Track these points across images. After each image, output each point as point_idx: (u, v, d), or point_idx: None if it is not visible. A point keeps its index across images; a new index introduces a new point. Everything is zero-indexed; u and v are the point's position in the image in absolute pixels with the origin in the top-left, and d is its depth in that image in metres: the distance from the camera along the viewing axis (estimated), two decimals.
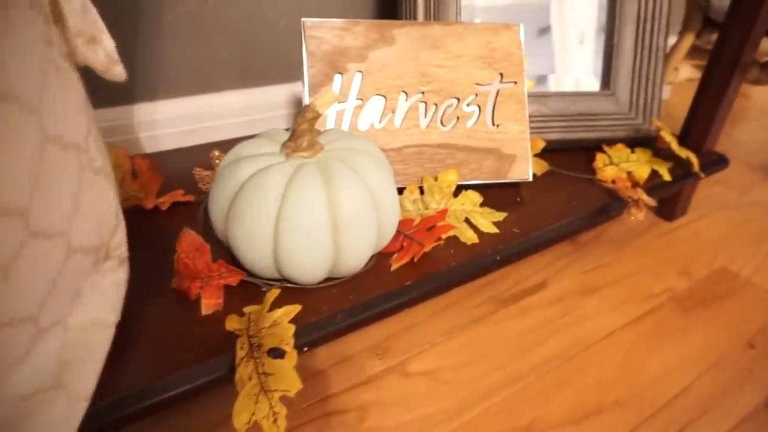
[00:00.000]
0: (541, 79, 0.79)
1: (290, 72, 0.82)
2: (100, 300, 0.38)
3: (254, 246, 0.44)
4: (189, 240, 0.46)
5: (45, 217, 0.29)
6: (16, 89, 0.24)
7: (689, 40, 0.98)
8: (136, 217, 0.56)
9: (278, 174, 0.44)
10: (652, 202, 0.66)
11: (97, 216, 0.35)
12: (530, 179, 0.66)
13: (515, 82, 0.65)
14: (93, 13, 0.31)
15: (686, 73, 1.02)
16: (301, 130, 0.46)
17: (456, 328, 0.63)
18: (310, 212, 0.42)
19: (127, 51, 0.68)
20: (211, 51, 0.74)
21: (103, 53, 0.32)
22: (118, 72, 0.34)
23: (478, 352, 0.60)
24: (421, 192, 0.61)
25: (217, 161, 0.63)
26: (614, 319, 0.66)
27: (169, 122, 0.74)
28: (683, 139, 0.81)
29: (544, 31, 0.80)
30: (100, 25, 0.32)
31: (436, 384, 0.56)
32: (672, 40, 1.05)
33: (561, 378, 0.57)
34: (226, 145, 0.74)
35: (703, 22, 0.96)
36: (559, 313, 0.66)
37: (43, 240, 0.29)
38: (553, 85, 0.80)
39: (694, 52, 1.01)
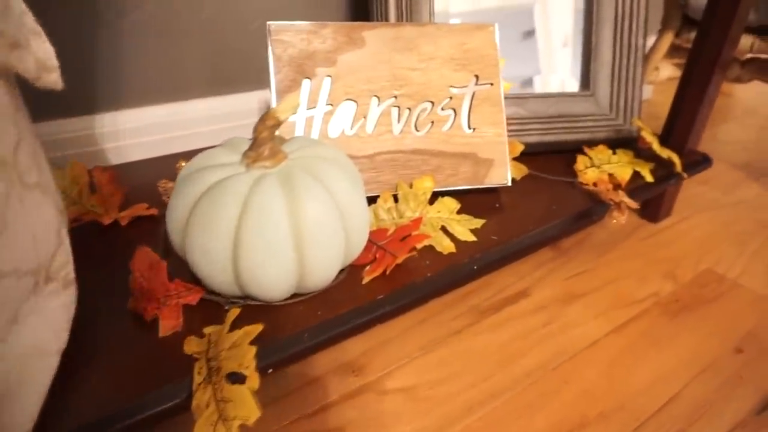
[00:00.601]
0: (527, 81, 0.77)
1: (262, 78, 0.80)
2: (42, 326, 0.35)
3: (213, 262, 0.41)
4: (144, 258, 0.43)
5: None
6: None
7: (669, 38, 0.96)
8: (93, 234, 0.53)
9: (237, 186, 0.41)
10: (634, 204, 0.64)
11: (33, 236, 0.33)
12: (509, 184, 0.64)
13: (491, 84, 0.63)
14: (18, 15, 0.29)
15: (667, 72, 1.01)
16: (262, 138, 0.43)
17: (434, 341, 0.60)
18: (270, 226, 0.40)
19: (87, 58, 0.66)
20: (178, 57, 0.72)
21: (33, 59, 0.30)
22: (51, 80, 0.31)
23: (458, 367, 0.57)
24: (396, 200, 0.59)
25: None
26: (599, 327, 0.64)
27: (135, 132, 0.71)
28: (665, 139, 0.80)
29: (529, 34, 0.78)
30: (30, 28, 0.30)
31: (413, 401, 0.53)
32: (652, 39, 1.04)
33: (544, 391, 0.55)
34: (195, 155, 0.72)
35: (682, 21, 0.95)
36: (541, 322, 0.64)
37: None
38: (539, 87, 0.78)
39: (674, 50, 1.00)
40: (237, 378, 0.38)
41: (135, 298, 0.43)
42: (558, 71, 0.78)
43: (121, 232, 0.54)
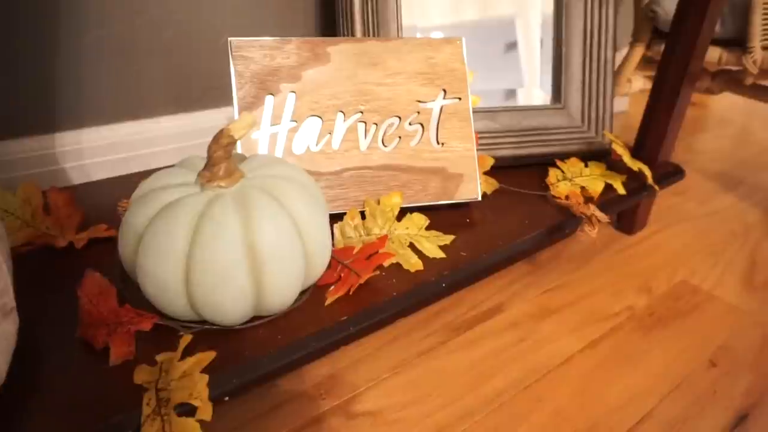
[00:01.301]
0: (510, 93, 0.77)
1: (229, 94, 0.78)
2: None
3: (165, 287, 0.40)
4: (92, 283, 0.42)
5: None
6: None
7: (640, 51, 0.97)
8: (46, 258, 0.51)
9: (190, 207, 0.40)
10: (604, 218, 0.63)
11: None
12: (479, 199, 0.63)
13: (459, 98, 0.63)
14: None
15: (639, 84, 1.02)
16: (217, 157, 0.42)
17: (405, 361, 0.59)
18: (223, 248, 0.38)
19: (47, 76, 0.64)
20: (142, 74, 0.70)
21: None
22: None
23: (428, 388, 0.56)
24: (363, 217, 0.57)
25: None
26: (572, 343, 0.63)
27: (98, 151, 0.69)
28: (638, 151, 0.80)
29: (512, 46, 0.78)
30: None
31: (382, 425, 0.52)
32: (624, 51, 1.04)
33: (516, 411, 0.54)
34: None
35: (652, 33, 0.96)
36: (514, 339, 0.63)
37: None
38: (523, 99, 0.78)
39: (646, 62, 1.01)
40: (188, 409, 0.36)
41: (84, 325, 0.41)
42: (538, 83, 0.78)
43: (76, 256, 0.52)
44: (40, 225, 0.52)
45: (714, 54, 0.85)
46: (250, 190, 0.42)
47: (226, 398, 0.40)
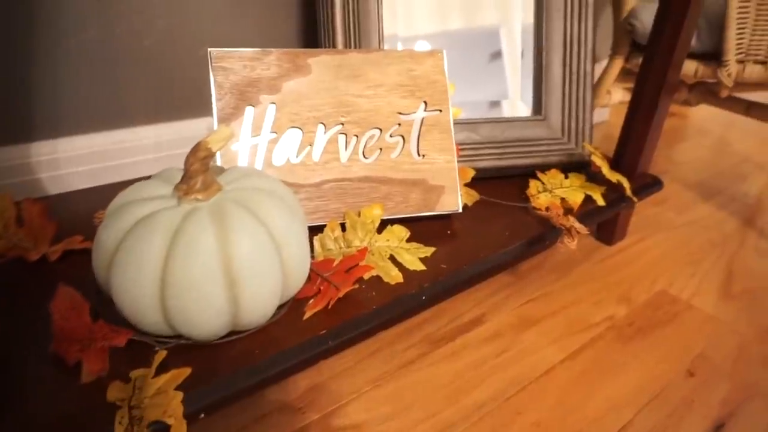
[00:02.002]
0: (493, 103, 0.78)
1: (210, 104, 0.78)
2: None
3: (140, 302, 0.39)
4: (65, 297, 0.41)
5: None
6: None
7: (619, 63, 0.98)
8: (18, 271, 0.50)
9: (165, 220, 0.39)
10: (584, 230, 0.64)
11: None
12: (460, 210, 0.63)
13: (440, 110, 0.63)
14: None
15: (619, 96, 1.03)
16: (193, 170, 0.42)
17: (386, 373, 0.58)
18: (199, 263, 0.38)
19: (23, 84, 0.63)
20: (122, 82, 0.69)
21: None
22: None
23: (409, 400, 0.55)
24: (343, 229, 0.57)
25: None
26: (553, 354, 0.63)
27: (75, 160, 0.68)
28: (617, 163, 0.81)
29: (496, 55, 0.78)
30: None
31: None
32: (604, 63, 1.06)
33: (497, 423, 0.54)
34: None
35: (631, 46, 0.97)
36: (496, 350, 0.63)
37: None
38: (504, 111, 0.78)
39: (625, 74, 1.02)
40: (162, 427, 0.36)
41: (56, 341, 0.41)
42: (519, 95, 0.79)
43: (49, 269, 0.51)
44: (12, 237, 0.51)
45: (690, 67, 0.86)
46: (227, 204, 0.41)
47: (202, 415, 0.40)
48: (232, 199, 0.42)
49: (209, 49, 0.55)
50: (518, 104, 0.79)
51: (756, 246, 0.90)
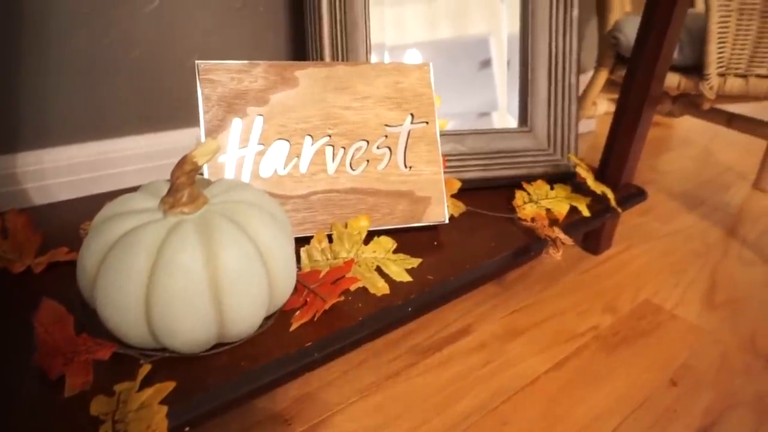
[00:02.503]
0: (484, 116, 0.79)
1: (198, 115, 0.78)
2: None
3: (125, 315, 0.39)
4: (49, 310, 0.41)
5: None
6: None
7: (604, 75, 1.00)
8: (2, 283, 0.49)
9: (151, 234, 0.39)
10: (569, 241, 0.64)
11: None
12: (447, 221, 0.64)
13: (427, 123, 0.64)
14: None
15: (604, 107, 1.05)
16: (180, 183, 0.42)
17: (372, 385, 0.59)
18: (184, 277, 0.38)
19: (8, 94, 0.63)
20: (109, 93, 0.69)
21: None
22: None
23: (396, 411, 0.56)
24: (330, 240, 0.57)
25: None
26: (539, 364, 0.63)
27: (62, 171, 0.68)
28: (602, 173, 0.82)
29: (486, 63, 0.79)
30: None
31: None
32: (590, 74, 1.07)
33: None
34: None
35: (615, 59, 0.99)
36: (482, 360, 0.63)
37: None
38: (494, 121, 0.79)
39: (610, 85, 1.04)
40: None
41: (40, 354, 0.40)
42: (506, 107, 0.80)
43: (34, 281, 0.50)
44: None
45: (673, 80, 0.88)
46: (212, 217, 0.41)
47: (187, 429, 0.40)
48: (219, 212, 0.43)
49: (197, 62, 0.56)
50: (505, 115, 0.80)
51: (739, 255, 0.92)
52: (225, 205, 0.44)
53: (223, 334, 0.42)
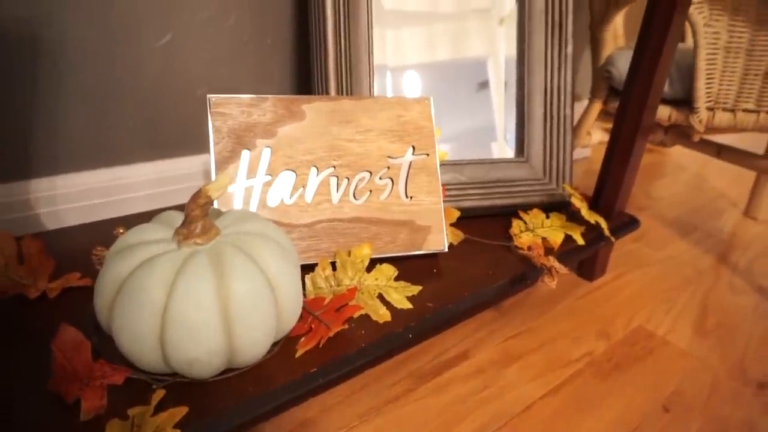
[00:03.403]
0: (481, 137, 0.81)
1: (205, 142, 0.81)
2: None
3: (140, 342, 0.41)
4: (67, 336, 0.42)
5: None
6: None
7: (598, 106, 1.03)
8: (18, 308, 0.51)
9: (166, 265, 0.42)
10: (564, 270, 0.67)
11: None
12: (446, 249, 0.66)
13: (427, 154, 0.66)
14: None
15: (598, 137, 1.08)
16: (194, 216, 0.44)
17: (373, 409, 0.60)
18: (197, 307, 0.40)
19: (23, 124, 0.65)
20: (118, 122, 0.72)
21: None
22: None
23: None
24: (334, 268, 0.60)
25: None
26: (534, 390, 0.65)
27: (72, 197, 0.70)
28: (596, 201, 0.84)
29: (484, 85, 0.82)
30: None
31: None
32: (585, 102, 1.11)
33: None
34: (136, 220, 0.72)
35: (608, 91, 1.02)
36: (479, 386, 0.65)
37: None
38: (496, 153, 0.82)
39: (605, 115, 1.07)
40: None
41: (56, 378, 0.42)
42: (505, 138, 0.83)
43: (49, 306, 0.52)
44: (13, 274, 0.53)
45: (664, 112, 0.91)
46: (224, 248, 0.44)
47: None
48: (230, 243, 0.45)
49: (208, 96, 0.58)
50: (502, 145, 0.83)
51: (730, 282, 0.94)
52: (236, 236, 0.46)
53: (232, 361, 0.44)
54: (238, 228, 0.47)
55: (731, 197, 1.34)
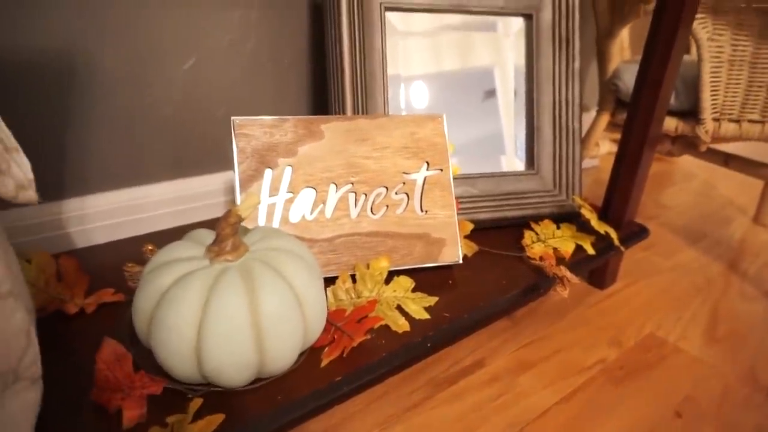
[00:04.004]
0: (491, 156, 0.84)
1: (227, 160, 0.84)
2: (6, 425, 0.37)
3: (177, 354, 0.43)
4: (110, 350, 0.45)
5: None
6: None
7: (605, 119, 1.06)
8: (58, 323, 0.54)
9: (200, 281, 0.44)
10: (575, 279, 0.69)
11: (5, 341, 0.35)
12: (460, 261, 0.68)
13: (441, 170, 0.69)
14: (2, 143, 0.32)
15: (606, 147, 1.10)
16: (224, 234, 0.47)
17: (393, 416, 0.62)
18: (231, 321, 0.42)
19: (55, 146, 0.69)
20: (145, 144, 0.75)
21: (12, 182, 0.33)
22: (28, 197, 0.34)
23: None
24: (354, 280, 0.62)
25: (150, 255, 0.62)
26: (548, 397, 0.67)
27: (100, 216, 0.73)
28: (605, 211, 0.86)
29: (490, 93, 0.85)
30: (12, 147, 0.33)
31: None
32: (593, 113, 1.13)
33: None
34: (161, 236, 0.75)
35: (615, 103, 1.04)
36: (495, 393, 0.67)
37: None
38: (507, 165, 0.84)
39: (613, 126, 1.09)
40: None
41: (99, 389, 0.45)
42: (515, 152, 0.85)
43: (86, 320, 0.55)
44: (52, 291, 0.56)
45: (671, 124, 0.93)
46: (254, 264, 0.46)
47: None
48: (259, 259, 0.47)
49: (233, 118, 0.61)
50: (513, 158, 0.86)
51: (739, 289, 0.95)
52: (263, 252, 0.49)
53: (262, 371, 0.47)
54: (265, 244, 0.50)
55: (740, 204, 1.35)
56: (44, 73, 0.65)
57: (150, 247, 0.62)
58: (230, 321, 0.42)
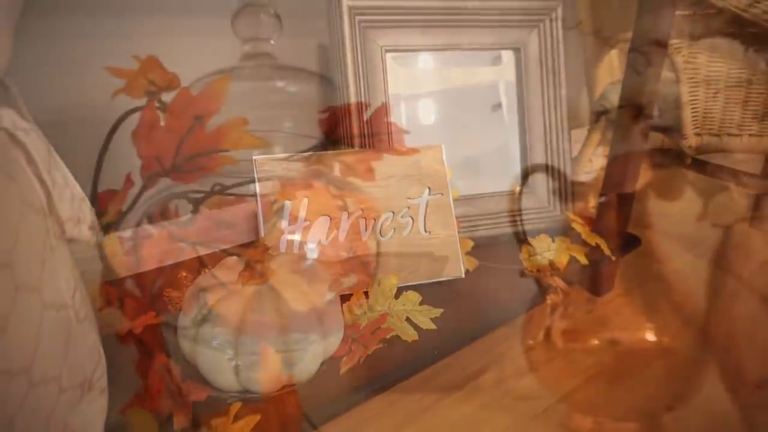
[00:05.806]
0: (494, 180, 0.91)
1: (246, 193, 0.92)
2: (86, 427, 0.44)
3: (218, 368, 0.51)
4: (161, 363, 0.53)
5: (43, 368, 0.36)
6: (25, 278, 0.33)
7: (597, 137, 1.13)
8: (112, 344, 0.62)
9: (235, 303, 0.52)
10: (567, 287, 0.75)
11: (82, 356, 0.42)
12: (463, 276, 0.75)
13: (442, 194, 0.76)
14: (78, 200, 0.40)
15: (599, 163, 1.17)
16: (254, 261, 0.54)
17: (406, 419, 0.69)
18: (264, 336, 0.50)
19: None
20: None
21: (86, 227, 0.41)
22: (98, 238, 0.42)
23: None
24: (367, 296, 0.69)
25: (185, 282, 0.70)
26: (548, 397, 0.73)
27: (137, 246, 0.81)
28: (598, 224, 0.93)
29: (497, 107, 0.92)
30: (85, 206, 0.41)
31: None
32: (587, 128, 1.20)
33: None
34: (194, 263, 0.82)
35: (605, 122, 1.11)
36: (499, 395, 0.73)
37: (41, 386, 0.36)
38: (503, 185, 0.91)
39: (604, 143, 1.16)
40: None
41: (151, 397, 0.52)
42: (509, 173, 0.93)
43: (136, 340, 0.63)
44: (105, 317, 0.64)
45: (657, 138, 1.00)
46: (281, 286, 0.54)
47: None
48: (283, 281, 0.55)
49: (254, 157, 0.69)
50: (508, 177, 0.93)
51: (733, 291, 1.01)
52: (288, 275, 0.56)
53: (290, 379, 0.54)
54: (288, 267, 0.58)
55: (735, 209, 1.41)
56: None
57: (184, 274, 0.70)
58: (264, 337, 0.50)
